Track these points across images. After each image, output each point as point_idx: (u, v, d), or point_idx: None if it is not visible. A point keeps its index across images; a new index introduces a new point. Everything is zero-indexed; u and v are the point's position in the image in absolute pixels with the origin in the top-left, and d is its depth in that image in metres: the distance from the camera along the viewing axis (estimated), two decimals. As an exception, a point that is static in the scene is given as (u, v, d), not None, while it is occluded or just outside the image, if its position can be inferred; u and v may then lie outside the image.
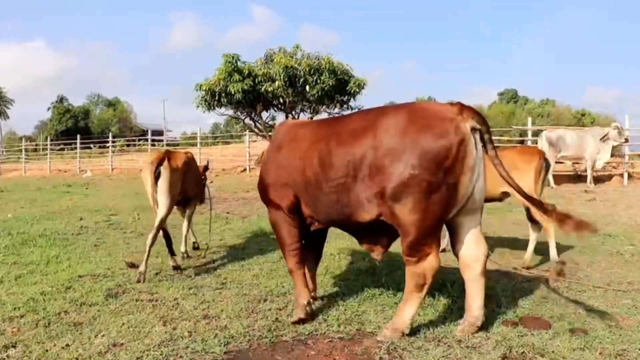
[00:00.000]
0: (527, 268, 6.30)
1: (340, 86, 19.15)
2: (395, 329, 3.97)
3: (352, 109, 20.78)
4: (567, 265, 6.32)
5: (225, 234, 9.07)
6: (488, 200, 6.25)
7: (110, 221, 10.73)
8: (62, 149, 42.33)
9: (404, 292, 4.00)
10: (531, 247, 6.58)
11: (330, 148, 4.10)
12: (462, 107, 3.78)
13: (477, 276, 4.00)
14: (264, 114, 20.62)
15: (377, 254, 4.37)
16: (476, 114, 3.76)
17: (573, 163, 18.47)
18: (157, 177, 6.12)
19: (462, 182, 3.70)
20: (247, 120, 20.86)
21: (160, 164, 6.14)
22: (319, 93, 18.62)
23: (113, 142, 33.71)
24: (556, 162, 16.91)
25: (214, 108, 19.55)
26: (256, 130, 20.79)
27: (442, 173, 3.62)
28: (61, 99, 74.33)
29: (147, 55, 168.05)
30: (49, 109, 73.58)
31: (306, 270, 4.75)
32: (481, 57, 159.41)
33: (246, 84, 18.24)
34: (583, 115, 51.81)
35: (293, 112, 20.20)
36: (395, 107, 4.09)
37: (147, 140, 34.82)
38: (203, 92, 18.97)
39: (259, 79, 18.56)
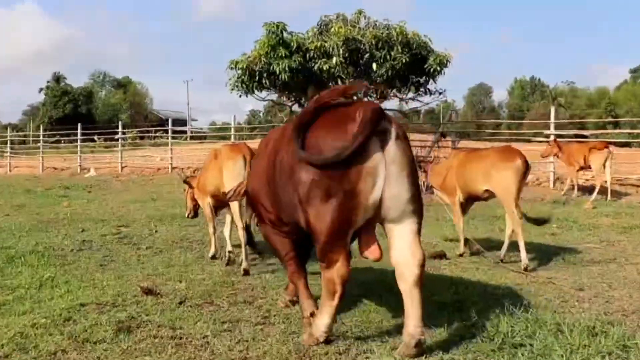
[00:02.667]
0: (526, 269, 7.81)
1: (417, 64, 19.02)
2: (310, 334, 4.83)
3: (430, 94, 20.61)
4: None
5: (266, 251, 9.04)
6: (473, 199, 8.99)
7: (120, 234, 10.94)
8: (59, 142, 43.43)
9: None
10: (522, 245, 8.08)
11: (276, 151, 5.15)
12: (362, 108, 4.50)
13: (410, 287, 4.59)
14: (317, 100, 20.66)
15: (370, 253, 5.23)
16: (378, 114, 4.47)
17: None
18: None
19: (362, 189, 4.41)
20: (295, 107, 20.95)
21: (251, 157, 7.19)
22: (389, 73, 18.53)
23: (123, 133, 34.38)
24: None
25: (253, 91, 19.71)
26: (306, 120, 20.84)
27: (337, 180, 4.40)
28: (57, 78, 76.25)
29: (166, 25, 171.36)
30: (41, 90, 75.65)
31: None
32: (605, 26, 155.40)
33: (294, 61, 18.31)
34: None
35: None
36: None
37: (166, 131, 35.37)
38: (239, 72, 19.13)
39: (311, 55, 18.60)
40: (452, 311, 5.82)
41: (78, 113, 67.19)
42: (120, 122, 37.21)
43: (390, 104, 25.95)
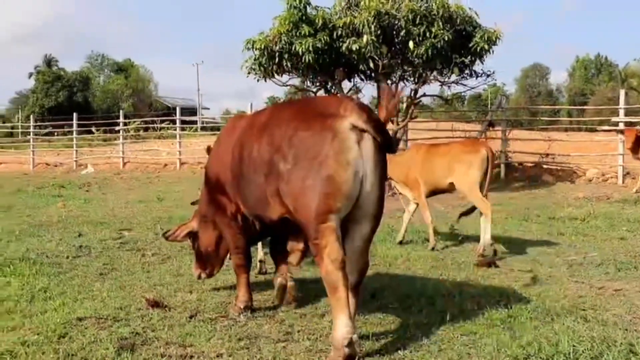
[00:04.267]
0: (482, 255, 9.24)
1: (461, 42, 18.89)
2: (335, 347, 4.83)
3: (477, 76, 20.47)
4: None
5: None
6: (438, 192, 10.33)
7: (122, 239, 11.03)
8: (51, 134, 43.65)
9: None
10: (488, 231, 9.39)
11: (244, 142, 5.93)
12: (347, 104, 5.18)
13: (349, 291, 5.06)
14: (346, 84, 20.58)
15: (293, 257, 6.06)
16: (362, 112, 5.08)
17: None
18: None
19: (341, 176, 4.95)
20: (321, 93, 20.88)
21: None
22: (429, 52, 18.39)
23: (125, 124, 34.48)
24: None
25: (272, 75, 19.70)
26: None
27: (316, 167, 4.99)
28: (49, 62, 76.73)
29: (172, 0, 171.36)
30: (31, 75, 76.11)
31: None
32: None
33: (319, 40, 18.26)
34: None
35: (389, 81, 20.07)
36: (291, 102, 6.62)
37: (173, 121, 35.48)
38: (256, 53, 19.12)
39: (339, 33, 18.54)
40: (502, 328, 5.78)
41: (73, 101, 67.44)
42: (121, 112, 37.11)
43: (431, 89, 25.74)
